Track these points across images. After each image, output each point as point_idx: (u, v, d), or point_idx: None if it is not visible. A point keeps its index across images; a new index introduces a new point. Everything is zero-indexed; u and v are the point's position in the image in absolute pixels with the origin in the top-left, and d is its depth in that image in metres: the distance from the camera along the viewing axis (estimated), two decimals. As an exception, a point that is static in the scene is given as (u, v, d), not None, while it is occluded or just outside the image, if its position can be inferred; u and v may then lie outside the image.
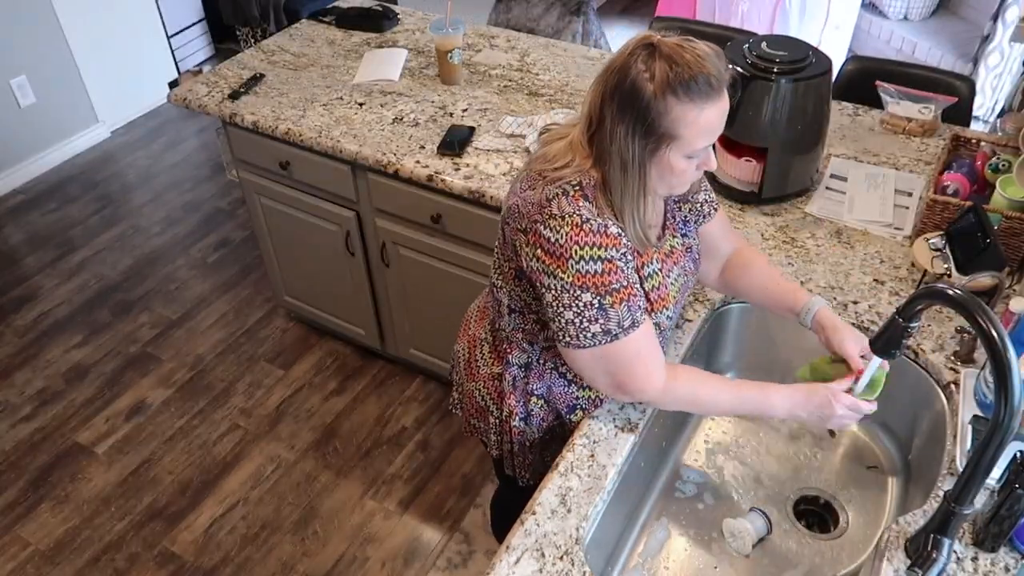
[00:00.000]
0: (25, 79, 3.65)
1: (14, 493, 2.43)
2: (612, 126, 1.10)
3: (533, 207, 1.17)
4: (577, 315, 1.17)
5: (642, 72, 1.07)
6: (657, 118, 1.08)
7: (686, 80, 1.05)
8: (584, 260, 1.13)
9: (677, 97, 1.06)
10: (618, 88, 1.08)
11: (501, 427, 1.47)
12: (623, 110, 1.09)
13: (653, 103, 1.07)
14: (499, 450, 1.52)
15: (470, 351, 1.49)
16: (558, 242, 1.14)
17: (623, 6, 5.41)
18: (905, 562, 1.14)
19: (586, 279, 1.14)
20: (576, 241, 1.13)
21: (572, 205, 1.14)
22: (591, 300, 1.15)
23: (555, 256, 1.14)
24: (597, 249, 1.14)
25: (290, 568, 2.21)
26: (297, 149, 2.22)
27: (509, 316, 1.34)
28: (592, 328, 1.17)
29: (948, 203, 1.60)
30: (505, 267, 1.30)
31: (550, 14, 3.81)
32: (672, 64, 1.06)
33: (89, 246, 3.41)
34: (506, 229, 1.25)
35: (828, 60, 1.72)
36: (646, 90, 1.06)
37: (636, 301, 1.18)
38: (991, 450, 0.96)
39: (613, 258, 1.15)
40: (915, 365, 1.47)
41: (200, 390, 2.75)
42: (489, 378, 1.44)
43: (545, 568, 1.14)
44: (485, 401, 1.47)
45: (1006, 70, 3.68)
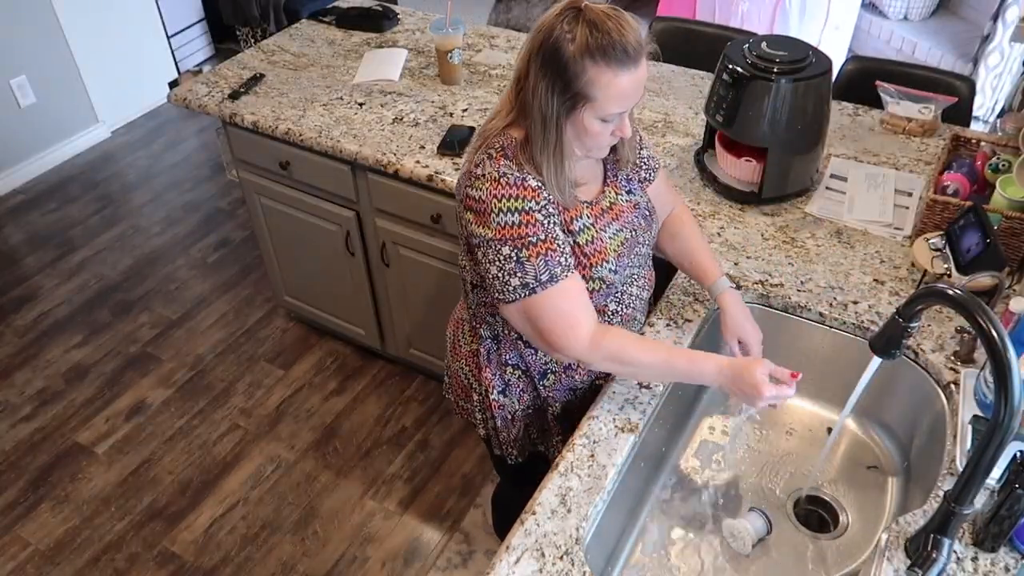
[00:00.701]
0: (25, 79, 3.65)
1: (14, 493, 2.43)
2: (535, 82, 1.15)
3: (465, 176, 1.25)
4: (499, 269, 1.22)
5: (565, 33, 1.12)
6: (573, 78, 1.13)
7: (604, 45, 1.11)
8: (503, 212, 1.19)
9: (594, 60, 1.11)
10: (542, 46, 1.13)
11: (483, 403, 1.50)
12: (545, 67, 1.14)
13: (571, 63, 1.12)
14: (485, 428, 1.55)
15: (454, 332, 1.55)
16: (481, 199, 1.20)
17: (623, 6, 5.40)
18: (905, 562, 1.14)
19: (505, 231, 1.19)
20: (494, 195, 1.18)
21: (493, 165, 1.20)
22: (509, 253, 1.20)
23: (479, 213, 1.21)
24: (514, 201, 1.18)
25: (290, 568, 2.21)
26: (297, 149, 2.22)
27: (473, 292, 1.40)
28: (512, 281, 1.22)
29: (948, 203, 1.60)
30: (461, 244, 1.35)
31: (550, 14, 3.81)
32: (593, 28, 1.11)
33: (89, 246, 3.41)
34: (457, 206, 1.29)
35: (828, 60, 1.72)
36: (566, 50, 1.11)
37: (555, 256, 1.21)
38: (991, 450, 0.96)
39: (531, 209, 1.19)
40: (915, 365, 1.47)
41: (200, 390, 2.75)
42: (469, 355, 1.49)
43: (545, 568, 1.14)
44: (468, 379, 1.52)
45: (1006, 70, 3.68)
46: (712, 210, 1.82)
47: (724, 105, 1.73)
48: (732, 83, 1.70)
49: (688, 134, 2.09)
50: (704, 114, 1.87)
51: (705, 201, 1.85)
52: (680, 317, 1.54)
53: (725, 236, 1.74)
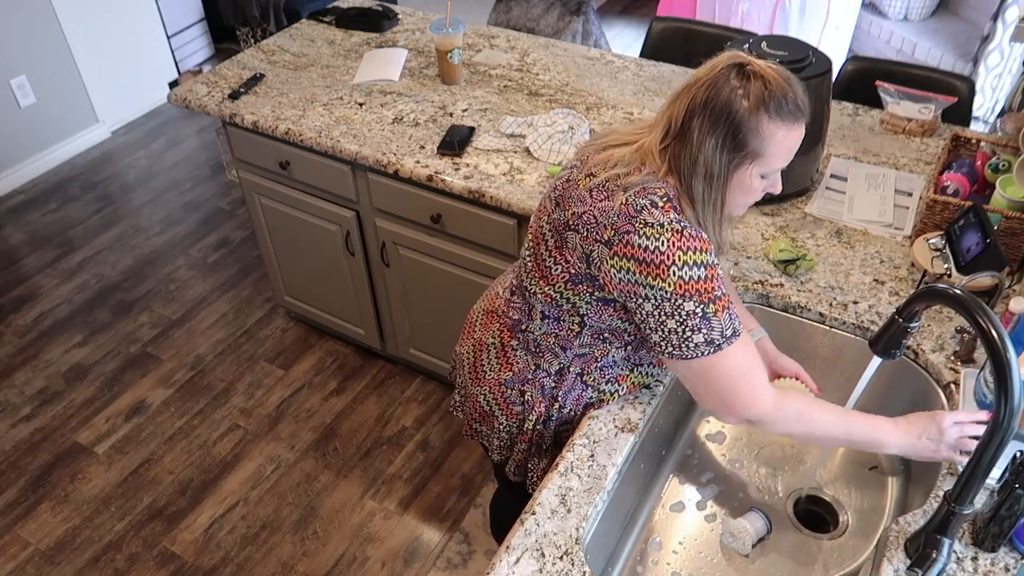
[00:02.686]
0: (25, 79, 3.65)
1: (14, 493, 2.43)
2: (700, 138, 1.12)
3: (619, 217, 1.14)
4: (680, 324, 1.14)
5: (736, 89, 1.09)
6: (748, 134, 1.10)
7: (779, 100, 1.09)
8: (687, 266, 1.11)
9: (769, 116, 1.10)
10: (710, 102, 1.10)
11: (513, 433, 1.46)
12: (715, 123, 1.10)
13: (747, 119, 1.09)
14: (502, 455, 1.52)
15: (475, 355, 1.47)
16: (658, 250, 1.11)
17: (623, 6, 5.41)
18: (905, 562, 1.14)
19: (688, 286, 1.12)
20: (679, 247, 1.11)
21: (666, 215, 1.13)
22: (694, 309, 1.13)
23: (653, 265, 1.12)
24: (699, 254, 1.12)
25: (290, 568, 2.21)
26: (297, 149, 2.22)
27: (541, 321, 1.32)
28: (695, 338, 1.14)
29: (948, 203, 1.60)
30: (554, 270, 1.25)
31: (550, 14, 3.81)
32: (766, 83, 1.09)
33: (89, 246, 3.41)
34: (571, 236, 1.20)
35: (828, 60, 1.72)
36: (741, 107, 1.09)
37: (732, 311, 1.16)
38: (991, 450, 0.96)
39: (713, 264, 1.14)
40: (915, 365, 1.47)
41: (200, 390, 2.75)
42: (496, 384, 1.43)
43: (545, 568, 1.14)
44: (491, 406, 1.46)
45: (1006, 70, 3.68)
46: (712, 210, 1.82)
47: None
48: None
49: (688, 134, 2.09)
50: (704, 114, 1.86)
51: (705, 201, 1.85)
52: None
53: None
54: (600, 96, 2.27)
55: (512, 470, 1.52)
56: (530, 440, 1.44)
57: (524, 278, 1.33)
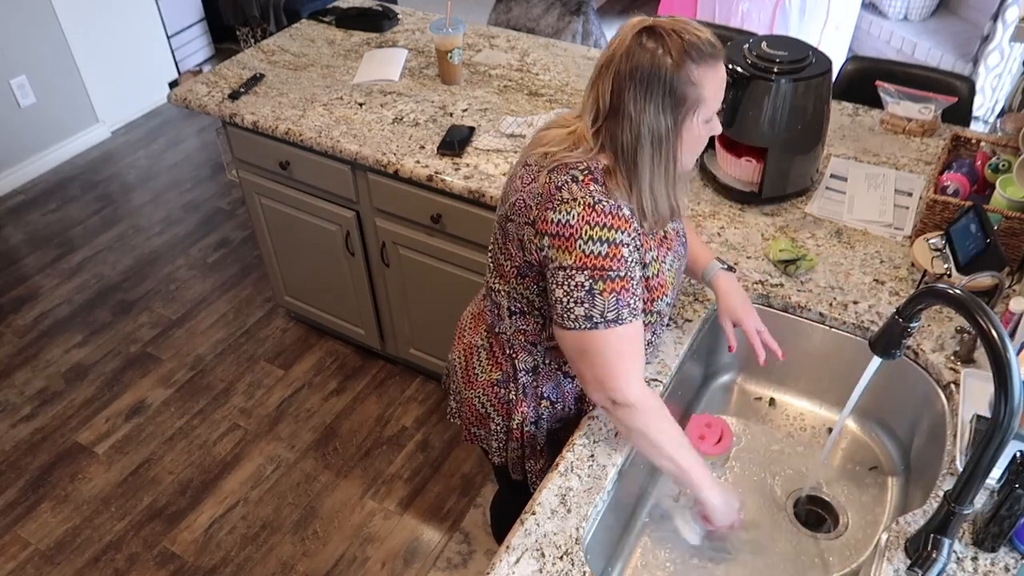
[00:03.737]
0: (25, 79, 3.65)
1: (14, 493, 2.43)
2: (638, 108, 1.12)
3: (541, 197, 1.17)
4: (566, 295, 1.16)
5: (655, 50, 1.10)
6: (683, 86, 1.12)
7: (698, 46, 1.11)
8: (592, 241, 1.13)
9: (696, 63, 1.11)
10: (636, 70, 1.11)
11: (507, 433, 1.47)
12: (648, 89, 1.11)
13: (678, 73, 1.11)
14: (502, 456, 1.52)
15: (466, 359, 1.48)
16: (568, 223, 1.13)
17: (623, 6, 5.41)
18: (905, 562, 1.14)
19: (587, 259, 1.14)
20: (587, 221, 1.13)
21: (583, 189, 1.14)
22: (583, 282, 1.15)
23: (563, 238, 1.14)
24: (607, 230, 1.13)
25: (290, 568, 2.21)
26: (297, 149, 2.22)
27: (510, 319, 1.34)
28: (576, 310, 1.16)
29: (948, 203, 1.60)
30: (506, 266, 1.29)
31: (550, 14, 3.81)
32: (680, 36, 1.11)
33: (89, 246, 3.41)
34: (509, 226, 1.24)
35: (828, 60, 1.72)
36: (666, 64, 1.10)
37: (626, 297, 1.17)
38: (991, 450, 0.96)
39: (621, 242, 1.15)
40: (915, 365, 1.47)
41: (200, 390, 2.75)
42: (488, 385, 1.44)
43: (545, 568, 1.14)
44: (485, 408, 1.47)
45: (1006, 70, 3.68)
46: (712, 210, 1.82)
47: (724, 105, 1.73)
48: (732, 83, 1.70)
49: (688, 134, 2.09)
50: (704, 114, 1.86)
51: (705, 201, 1.85)
52: (680, 317, 1.54)
53: (725, 236, 1.74)
54: (600, 96, 2.27)
55: (512, 470, 1.52)
56: (521, 440, 1.45)
57: (489, 279, 1.36)
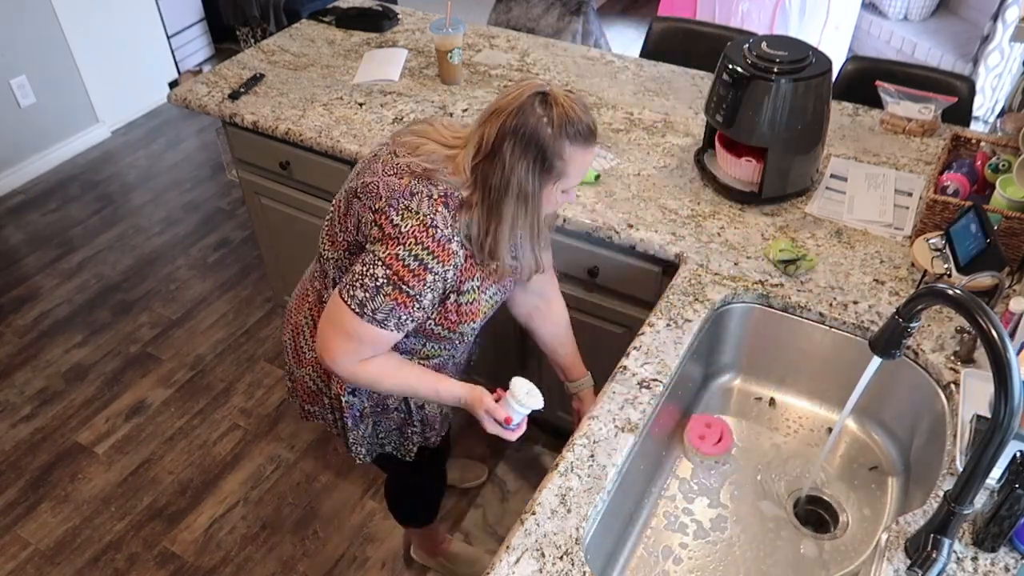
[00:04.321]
0: (25, 79, 3.65)
1: (14, 493, 2.43)
2: (512, 161, 1.23)
3: (394, 193, 1.27)
4: (361, 275, 1.27)
5: (541, 117, 1.21)
6: (553, 157, 1.24)
7: (578, 128, 1.23)
8: (409, 253, 1.24)
9: (570, 141, 1.23)
10: (520, 128, 1.22)
11: (334, 405, 1.54)
12: (525, 149, 1.22)
13: (552, 144, 1.22)
14: (335, 428, 1.60)
15: (294, 339, 1.55)
16: (399, 228, 1.25)
17: (623, 6, 5.41)
18: (905, 562, 1.14)
19: (394, 263, 1.25)
20: (415, 236, 1.24)
21: (431, 207, 1.25)
22: (379, 276, 1.25)
23: (390, 236, 1.25)
24: (426, 253, 1.25)
25: (290, 568, 2.21)
26: (297, 149, 2.22)
27: (334, 287, 1.41)
28: (358, 292, 1.27)
29: (948, 203, 1.60)
30: (339, 237, 1.38)
31: (550, 14, 3.81)
32: (566, 113, 1.22)
33: (89, 246, 3.41)
34: (355, 202, 1.33)
35: (828, 60, 1.72)
36: (545, 133, 1.22)
37: (400, 313, 1.28)
38: (991, 450, 0.96)
39: (430, 269, 1.26)
40: (915, 365, 1.47)
41: (200, 390, 2.75)
42: (315, 361, 1.51)
43: (545, 568, 1.14)
44: (316, 384, 1.54)
45: (1006, 70, 3.68)
46: (712, 210, 1.82)
47: (724, 105, 1.73)
48: (732, 83, 1.70)
49: (688, 134, 2.09)
50: (704, 114, 1.87)
51: (705, 201, 1.85)
52: (680, 317, 1.54)
53: (725, 236, 1.74)
54: (600, 96, 2.27)
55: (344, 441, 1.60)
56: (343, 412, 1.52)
57: (321, 246, 1.44)
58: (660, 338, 1.49)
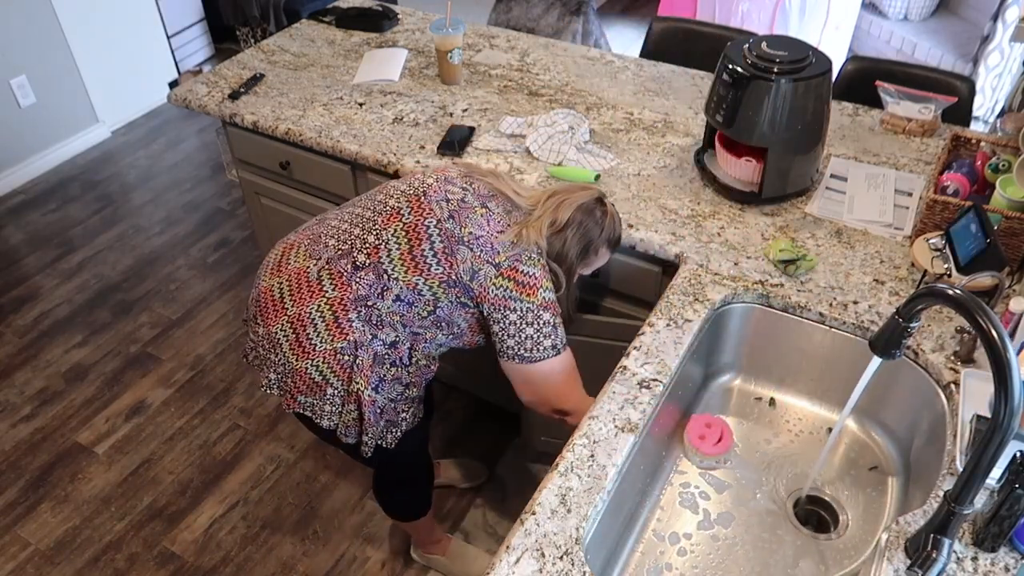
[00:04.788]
0: (25, 79, 3.65)
1: (14, 493, 2.43)
2: (570, 243, 1.57)
3: (511, 249, 1.50)
4: (537, 332, 1.50)
5: (600, 220, 1.60)
6: (591, 252, 1.62)
7: (613, 239, 1.65)
8: (547, 290, 1.51)
9: (605, 245, 1.64)
10: (582, 223, 1.57)
11: (345, 398, 1.55)
12: (581, 239, 1.58)
13: (596, 244, 1.61)
14: (332, 420, 1.58)
15: (296, 331, 1.52)
16: (533, 275, 1.50)
17: (623, 6, 5.41)
18: (905, 562, 1.14)
19: (548, 304, 1.51)
20: (543, 276, 1.52)
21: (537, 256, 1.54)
22: (549, 319, 1.50)
23: (528, 287, 1.49)
24: (549, 282, 1.53)
25: (290, 568, 2.21)
26: (297, 149, 2.22)
27: (393, 303, 1.51)
28: (545, 343, 1.51)
29: (948, 203, 1.60)
30: (432, 266, 1.50)
31: (550, 14, 3.81)
32: (615, 223, 1.64)
33: (89, 246, 3.41)
34: (463, 250, 1.50)
35: (828, 60, 1.72)
36: (595, 235, 1.60)
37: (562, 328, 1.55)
38: (991, 450, 0.96)
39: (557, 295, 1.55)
40: (915, 365, 1.47)
41: (200, 390, 2.75)
42: (331, 353, 1.51)
43: (545, 568, 1.14)
44: (324, 376, 1.52)
45: (1006, 70, 3.68)
46: (712, 210, 1.82)
47: (724, 105, 1.73)
48: (732, 83, 1.70)
49: (688, 134, 2.09)
50: (704, 114, 1.87)
51: (705, 201, 1.85)
52: (680, 317, 1.54)
53: (725, 236, 1.74)
54: (600, 96, 2.27)
55: (343, 432, 1.59)
56: (359, 403, 1.53)
57: (386, 263, 1.51)
58: (660, 338, 1.49)
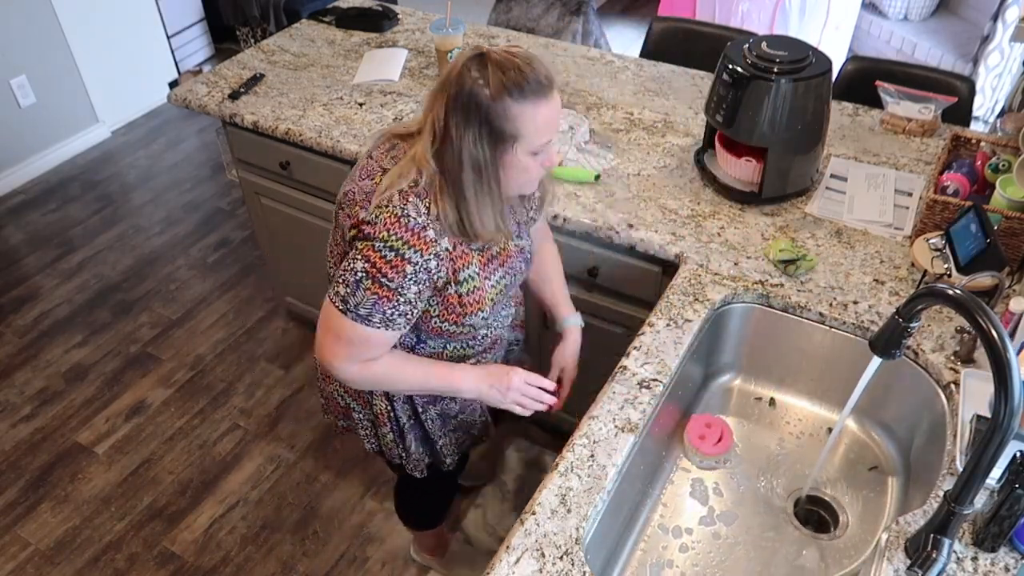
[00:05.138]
0: (25, 79, 3.65)
1: (14, 493, 2.43)
2: (457, 134, 1.17)
3: (368, 196, 1.27)
4: (344, 271, 1.26)
5: (477, 80, 1.15)
6: (498, 120, 1.16)
7: (518, 82, 1.15)
8: (384, 245, 1.21)
9: (514, 99, 1.15)
10: (457, 98, 1.16)
11: (373, 420, 1.54)
12: (467, 118, 1.16)
13: (492, 107, 1.15)
14: (372, 443, 1.58)
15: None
16: (373, 223, 1.22)
17: (623, 6, 5.41)
18: (905, 562, 1.14)
19: (372, 255, 1.22)
20: (388, 227, 1.21)
21: (402, 199, 1.22)
22: (358, 268, 1.23)
23: (364, 233, 1.23)
24: (401, 243, 1.21)
25: (290, 568, 2.21)
26: (297, 149, 2.22)
27: None
28: (340, 289, 1.26)
29: (948, 203, 1.60)
30: (335, 251, 1.39)
31: (550, 14, 3.81)
32: (504, 70, 1.14)
33: (89, 246, 3.41)
34: (339, 214, 1.34)
35: (828, 60, 1.72)
36: (483, 96, 1.14)
37: (385, 306, 1.25)
38: (991, 450, 0.96)
39: (409, 259, 1.22)
40: (915, 365, 1.47)
41: (200, 390, 2.75)
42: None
43: (545, 568, 1.14)
44: (345, 400, 1.54)
45: (1006, 70, 3.68)
46: (712, 210, 1.82)
47: (724, 105, 1.73)
48: (732, 83, 1.70)
49: (688, 134, 2.09)
50: (704, 114, 1.87)
51: (705, 201, 1.85)
52: (680, 317, 1.54)
53: (725, 236, 1.74)
54: (600, 96, 2.27)
55: (388, 454, 1.59)
56: (389, 423, 1.52)
57: (329, 267, 1.44)
58: (660, 338, 1.49)
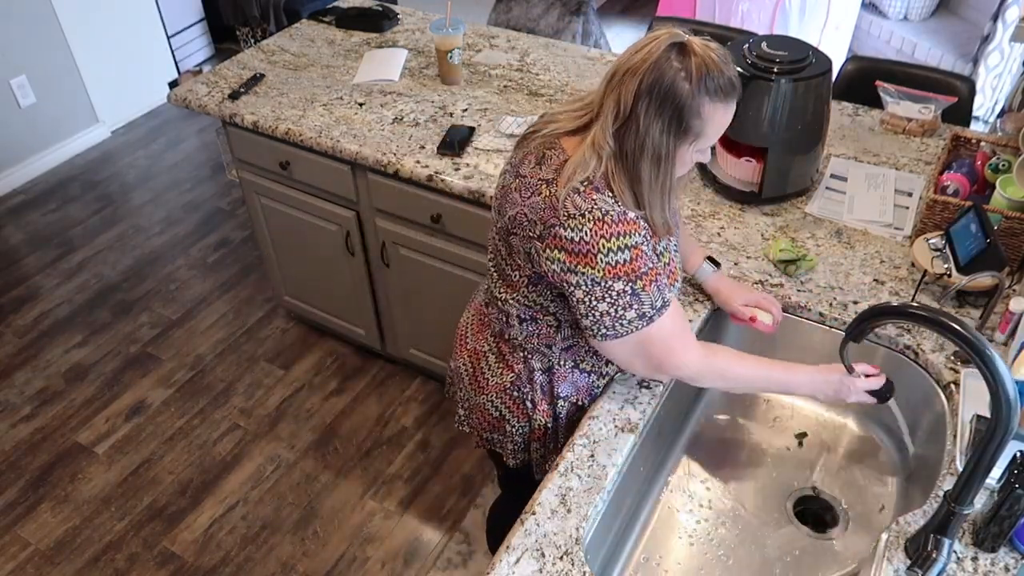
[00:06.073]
0: (25, 79, 3.65)
1: (14, 493, 2.43)
2: (646, 121, 1.13)
3: (545, 212, 1.18)
4: (611, 305, 1.18)
5: (679, 71, 1.10)
6: (689, 115, 1.13)
7: (719, 82, 1.12)
8: (612, 251, 1.15)
9: (710, 98, 1.12)
10: (654, 85, 1.11)
11: (527, 435, 1.47)
12: (660, 106, 1.12)
13: (690, 102, 1.11)
14: (518, 458, 1.51)
15: (473, 365, 1.48)
16: (582, 240, 1.15)
17: (623, 6, 5.41)
18: (905, 562, 1.14)
19: (616, 269, 1.16)
20: (602, 235, 1.15)
21: (588, 201, 1.15)
22: (623, 288, 1.17)
23: (581, 254, 1.16)
24: (622, 238, 1.16)
25: (290, 568, 2.21)
26: (297, 149, 2.22)
27: (520, 325, 1.35)
28: (628, 315, 1.19)
29: (948, 203, 1.60)
30: (513, 276, 1.30)
31: (550, 14, 3.81)
32: (707, 65, 1.11)
33: (89, 246, 3.41)
34: (513, 240, 1.25)
35: (828, 60, 1.72)
36: (683, 89, 1.11)
37: (662, 280, 1.21)
38: (991, 450, 0.96)
39: (638, 244, 1.17)
40: (915, 365, 1.47)
41: (200, 390, 2.75)
42: (500, 388, 1.44)
43: (545, 568, 1.14)
44: (500, 412, 1.47)
45: (1006, 70, 3.68)
46: (712, 210, 1.82)
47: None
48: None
49: (688, 134, 2.09)
50: (704, 114, 1.86)
51: (705, 201, 1.85)
52: (680, 317, 1.54)
53: (725, 236, 1.74)
54: (600, 96, 2.27)
55: (536, 471, 1.52)
56: (543, 439, 1.46)
57: (493, 289, 1.37)
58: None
